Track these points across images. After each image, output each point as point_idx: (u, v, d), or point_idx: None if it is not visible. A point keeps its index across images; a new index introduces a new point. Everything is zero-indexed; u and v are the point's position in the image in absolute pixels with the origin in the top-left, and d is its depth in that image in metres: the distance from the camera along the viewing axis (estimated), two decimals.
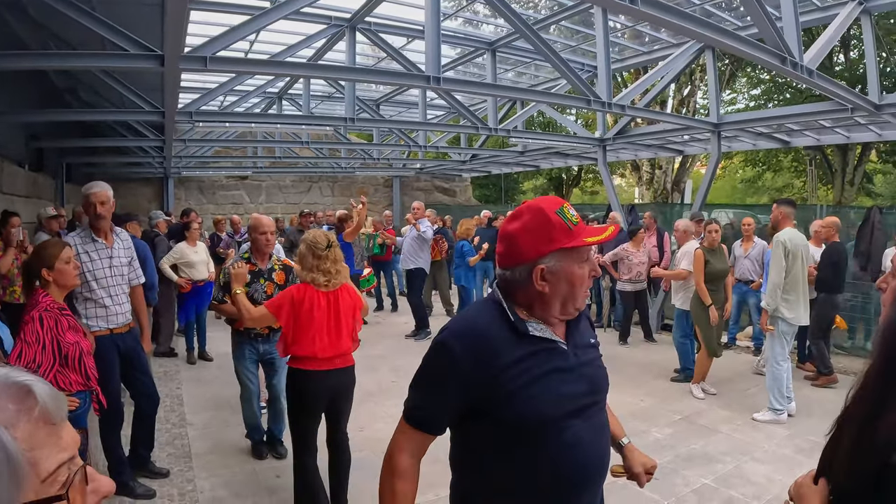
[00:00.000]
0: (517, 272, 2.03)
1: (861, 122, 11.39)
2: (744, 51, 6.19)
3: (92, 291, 5.11)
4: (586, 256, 2.05)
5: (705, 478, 5.61)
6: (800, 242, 7.12)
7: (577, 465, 2.00)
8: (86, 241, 5.12)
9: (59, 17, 5.87)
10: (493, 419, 1.96)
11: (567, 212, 2.01)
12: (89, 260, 5.10)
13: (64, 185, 14.18)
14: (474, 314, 2.14)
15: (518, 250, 2.02)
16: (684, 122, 11.93)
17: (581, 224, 2.03)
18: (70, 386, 4.01)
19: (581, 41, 10.91)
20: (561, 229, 1.98)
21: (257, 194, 22.00)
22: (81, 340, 4.12)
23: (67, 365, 4.00)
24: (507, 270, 2.06)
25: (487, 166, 21.74)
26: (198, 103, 9.61)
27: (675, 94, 23.15)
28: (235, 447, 6.24)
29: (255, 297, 5.46)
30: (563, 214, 1.99)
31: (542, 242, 1.98)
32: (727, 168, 35.77)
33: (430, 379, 2.06)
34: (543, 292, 2.00)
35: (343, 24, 8.51)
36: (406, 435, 2.11)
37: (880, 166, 28.63)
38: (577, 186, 38.17)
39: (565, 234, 1.98)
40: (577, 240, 1.98)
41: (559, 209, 2.01)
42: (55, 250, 4.19)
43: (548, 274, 1.98)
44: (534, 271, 1.99)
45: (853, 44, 21.04)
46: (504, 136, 12.16)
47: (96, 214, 5.14)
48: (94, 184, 5.22)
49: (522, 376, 1.94)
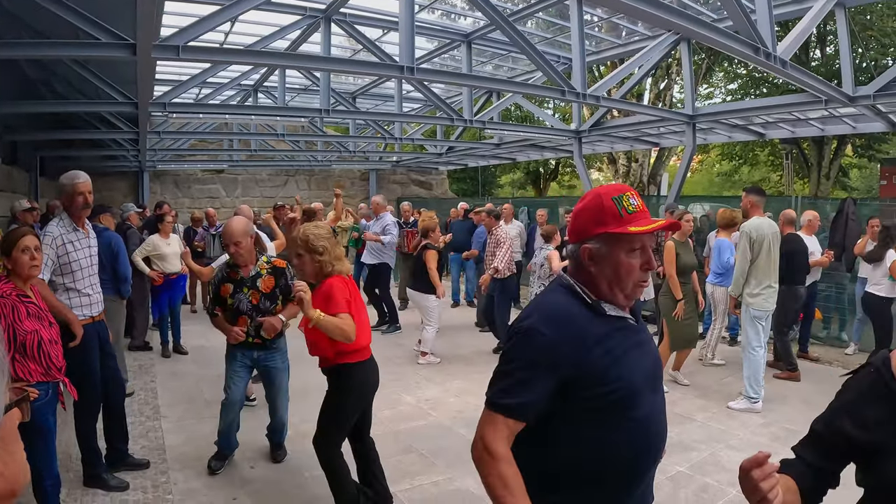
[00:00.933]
0: (573, 249, 2.15)
1: (836, 115, 11.47)
2: (718, 41, 6.22)
3: (75, 281, 5.08)
4: (638, 246, 2.08)
5: (680, 465, 5.63)
6: (766, 231, 7.16)
7: (651, 436, 2.11)
8: (68, 231, 5.06)
9: (31, 6, 5.78)
10: (584, 397, 1.99)
11: (625, 199, 2.07)
12: (73, 249, 5.06)
13: (38, 179, 14.05)
14: (552, 298, 2.16)
15: (575, 228, 2.15)
16: (660, 114, 11.98)
17: (640, 213, 2.07)
18: (29, 375, 3.92)
19: (557, 33, 10.92)
20: (611, 214, 2.04)
21: (233, 188, 21.88)
22: (43, 329, 4.04)
23: (26, 354, 3.92)
24: (570, 246, 2.21)
25: (464, 159, 21.71)
26: (172, 94, 9.53)
27: (652, 87, 23.24)
28: (210, 439, 6.17)
29: (241, 308, 5.24)
30: (619, 201, 2.05)
31: (591, 224, 2.07)
32: (704, 162, 36.05)
33: (522, 366, 2.02)
34: (591, 272, 2.08)
35: (318, 14, 8.47)
36: (497, 426, 2.02)
37: (856, 161, 28.95)
38: (554, 180, 38.27)
39: (614, 219, 2.03)
40: (622, 227, 2.02)
41: (617, 196, 2.07)
42: (13, 236, 4.12)
43: (595, 255, 2.06)
44: (581, 250, 2.09)
45: (829, 39, 21.21)
46: (480, 127, 12.16)
47: (86, 204, 5.12)
48: (77, 173, 5.15)
49: (609, 354, 2.00)
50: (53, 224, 5.07)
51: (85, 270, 5.14)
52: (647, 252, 2.11)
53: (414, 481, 5.10)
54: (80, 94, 11.19)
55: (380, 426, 6.30)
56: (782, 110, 10.53)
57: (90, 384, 4.89)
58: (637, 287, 2.12)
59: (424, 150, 20.52)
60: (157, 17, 5.16)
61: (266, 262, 5.41)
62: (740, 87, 25.53)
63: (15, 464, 1.02)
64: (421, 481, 5.24)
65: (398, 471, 5.44)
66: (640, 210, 2.06)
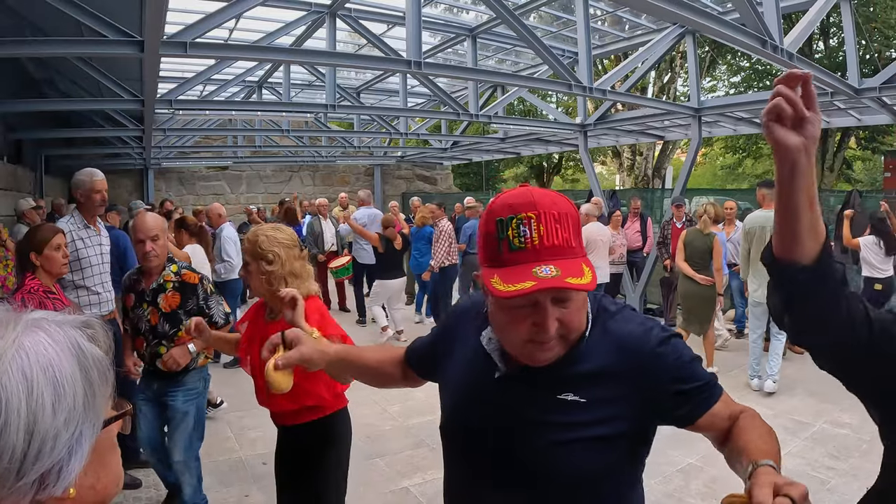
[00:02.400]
0: None
1: (841, 107, 11.45)
2: (725, 34, 6.21)
3: (85, 279, 5.09)
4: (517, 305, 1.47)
5: (690, 457, 5.64)
6: (757, 223, 7.35)
7: None
8: (79, 228, 5.08)
9: (35, 3, 5.78)
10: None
11: (513, 225, 1.44)
12: (84, 247, 5.07)
13: (43, 177, 14.06)
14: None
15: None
16: (665, 107, 11.95)
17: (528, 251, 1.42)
18: None
19: (562, 27, 10.90)
20: (491, 247, 1.48)
21: (238, 184, 21.90)
22: None
23: None
24: None
25: (468, 154, 21.71)
26: (177, 91, 9.53)
27: (656, 81, 23.21)
28: (219, 435, 6.21)
29: (139, 327, 4.22)
30: (503, 227, 1.45)
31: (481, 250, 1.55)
32: (708, 155, 35.98)
33: None
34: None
35: (323, 10, 8.46)
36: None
37: (859, 153, 28.87)
38: (557, 174, 38.20)
39: (493, 256, 1.48)
40: (490, 274, 1.45)
41: (505, 218, 1.45)
42: (46, 234, 4.14)
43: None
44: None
45: (832, 31, 21.16)
46: (485, 121, 12.13)
47: (102, 201, 5.16)
48: (94, 171, 5.17)
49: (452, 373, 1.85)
50: (64, 221, 5.09)
51: (95, 268, 5.15)
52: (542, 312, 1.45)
53: (426, 475, 5.11)
54: (84, 92, 11.20)
55: (390, 421, 6.35)
56: None
57: None
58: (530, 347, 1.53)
59: (429, 145, 20.53)
60: (165, 13, 5.15)
61: (175, 272, 4.21)
62: (744, 79, 25.47)
63: (108, 476, 1.02)
64: (433, 475, 5.24)
65: (410, 465, 5.46)
66: (530, 246, 1.42)
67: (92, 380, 0.93)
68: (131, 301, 4.24)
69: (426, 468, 5.37)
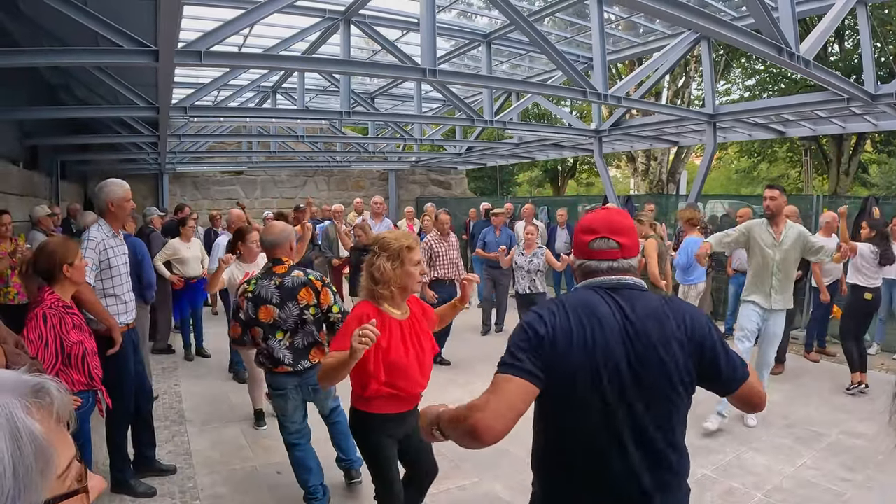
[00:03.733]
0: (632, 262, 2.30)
1: (857, 113, 11.39)
2: (741, 41, 6.18)
3: (115, 287, 5.14)
4: None
5: (705, 468, 5.61)
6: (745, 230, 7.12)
7: None
8: (108, 237, 5.10)
9: (51, 13, 5.81)
10: None
11: None
12: (114, 255, 5.11)
13: (59, 183, 14.14)
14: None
15: (636, 242, 2.32)
16: (680, 113, 11.93)
17: None
18: (73, 385, 4.01)
19: (576, 33, 10.88)
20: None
21: (252, 189, 21.93)
22: (86, 340, 4.12)
23: (70, 364, 4.00)
24: (630, 260, 2.28)
25: (483, 158, 21.67)
26: (192, 98, 9.57)
27: (670, 85, 23.16)
28: (235, 444, 6.23)
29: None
30: None
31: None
32: (722, 159, 35.89)
33: None
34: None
35: (337, 17, 8.47)
36: None
37: (875, 156, 28.76)
38: (572, 178, 38.20)
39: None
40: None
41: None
42: (73, 245, 4.24)
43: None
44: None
45: (847, 34, 21.07)
46: (500, 128, 12.13)
47: (133, 210, 5.27)
48: (121, 181, 5.21)
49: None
50: (95, 229, 5.07)
51: (123, 276, 5.22)
52: None
53: (441, 486, 5.09)
54: (99, 98, 11.26)
55: None
56: (804, 108, 10.46)
57: (124, 392, 4.94)
58: None
59: (443, 150, 20.53)
60: (179, 23, 5.16)
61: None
62: (758, 83, 25.40)
63: None
64: (448, 485, 5.24)
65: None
66: None
67: (24, 454, 0.90)
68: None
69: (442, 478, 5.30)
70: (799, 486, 5.30)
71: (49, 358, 3.84)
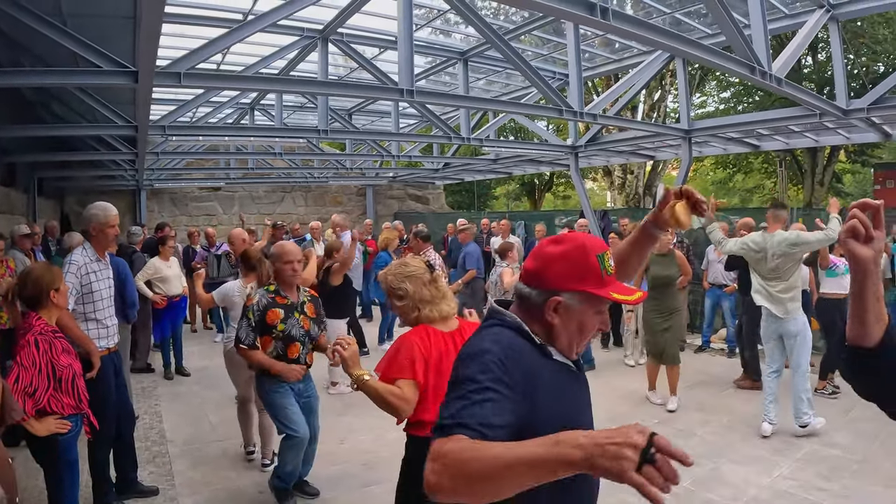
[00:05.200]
0: (535, 293, 2.00)
1: (829, 126, 11.56)
2: (713, 61, 6.28)
3: (96, 312, 5.13)
4: (604, 309, 2.05)
5: (683, 481, 5.62)
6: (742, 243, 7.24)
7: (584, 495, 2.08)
8: (91, 261, 5.11)
9: (30, 33, 5.81)
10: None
11: (607, 260, 2.00)
12: (96, 280, 5.12)
13: (36, 200, 14.07)
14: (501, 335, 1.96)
15: (547, 274, 1.99)
16: (655, 129, 12.06)
17: (614, 276, 2.02)
18: (63, 409, 4.03)
19: (552, 49, 10.98)
20: (595, 274, 1.96)
21: (230, 205, 21.90)
22: (74, 363, 4.14)
23: (61, 388, 4.01)
24: (528, 288, 2.02)
25: (460, 174, 21.75)
26: (171, 117, 9.58)
27: (646, 99, 23.36)
28: (217, 463, 6.23)
29: (294, 335, 5.01)
30: (602, 260, 1.97)
31: (571, 277, 1.96)
32: (698, 170, 36.18)
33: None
34: (552, 324, 1.98)
35: (315, 35, 8.52)
36: None
37: (849, 166, 29.12)
38: (549, 191, 38.35)
39: (597, 279, 1.96)
40: (604, 290, 1.96)
41: (601, 254, 1.98)
42: (57, 271, 4.30)
43: (561, 308, 1.96)
44: (549, 300, 1.96)
45: (821, 46, 21.34)
46: (477, 144, 12.20)
47: (116, 235, 5.28)
48: (106, 205, 5.23)
49: (553, 396, 1.90)
50: (78, 252, 5.10)
51: (105, 301, 5.21)
52: (605, 314, 2.07)
53: None
54: (77, 116, 11.22)
55: (387, 448, 6.32)
56: (777, 123, 10.62)
57: (106, 415, 4.92)
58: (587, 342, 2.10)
59: (421, 166, 20.60)
60: (158, 44, 5.18)
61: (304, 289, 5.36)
62: (733, 95, 25.67)
63: None
64: None
65: None
66: (614, 271, 2.03)
67: None
68: (279, 315, 4.98)
69: None
70: (776, 497, 5.38)
71: (42, 384, 3.86)
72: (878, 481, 5.60)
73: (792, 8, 8.65)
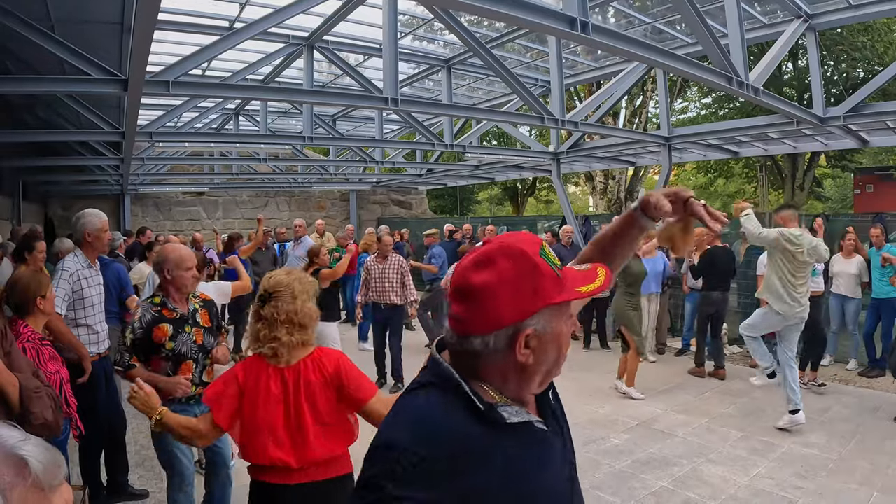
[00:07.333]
0: (490, 341, 1.43)
1: (808, 133, 11.75)
2: (691, 73, 6.40)
3: (87, 318, 5.17)
4: (572, 311, 1.55)
5: (663, 480, 5.81)
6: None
7: None
8: (83, 267, 5.15)
9: (18, 39, 5.83)
10: None
11: (549, 252, 1.49)
12: (88, 286, 5.15)
13: (21, 203, 14.05)
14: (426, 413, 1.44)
15: (494, 312, 1.42)
16: (636, 136, 12.21)
17: (565, 267, 1.53)
18: None
19: (535, 57, 11.10)
20: (549, 277, 1.45)
21: (214, 210, 21.87)
22: (61, 369, 4.17)
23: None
24: (476, 339, 1.44)
25: (443, 179, 21.88)
26: (157, 123, 9.63)
27: (628, 105, 23.55)
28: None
29: (185, 352, 4.25)
30: (546, 256, 1.47)
31: (524, 297, 1.42)
32: (680, 175, 36.44)
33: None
34: (526, 364, 1.45)
35: (301, 42, 8.59)
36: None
37: (829, 171, 29.44)
38: (531, 196, 38.48)
39: (553, 283, 1.45)
40: (569, 291, 1.47)
41: (541, 250, 1.48)
42: (44, 278, 4.31)
43: (533, 339, 1.43)
44: (517, 338, 1.42)
45: (801, 52, 21.59)
46: (460, 151, 12.31)
47: (110, 241, 5.28)
48: (97, 212, 5.27)
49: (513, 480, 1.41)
50: (70, 259, 5.14)
51: (96, 307, 5.26)
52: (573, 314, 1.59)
53: None
54: (63, 120, 11.22)
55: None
56: (756, 131, 10.80)
57: (96, 419, 4.98)
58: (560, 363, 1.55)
59: (404, 171, 20.69)
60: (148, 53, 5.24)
61: (193, 294, 4.52)
62: (714, 100, 25.91)
63: None
64: None
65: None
66: (558, 260, 1.51)
67: None
68: (167, 331, 4.17)
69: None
70: (754, 496, 5.51)
71: None
72: (853, 480, 5.74)
73: (771, 18, 8.82)
